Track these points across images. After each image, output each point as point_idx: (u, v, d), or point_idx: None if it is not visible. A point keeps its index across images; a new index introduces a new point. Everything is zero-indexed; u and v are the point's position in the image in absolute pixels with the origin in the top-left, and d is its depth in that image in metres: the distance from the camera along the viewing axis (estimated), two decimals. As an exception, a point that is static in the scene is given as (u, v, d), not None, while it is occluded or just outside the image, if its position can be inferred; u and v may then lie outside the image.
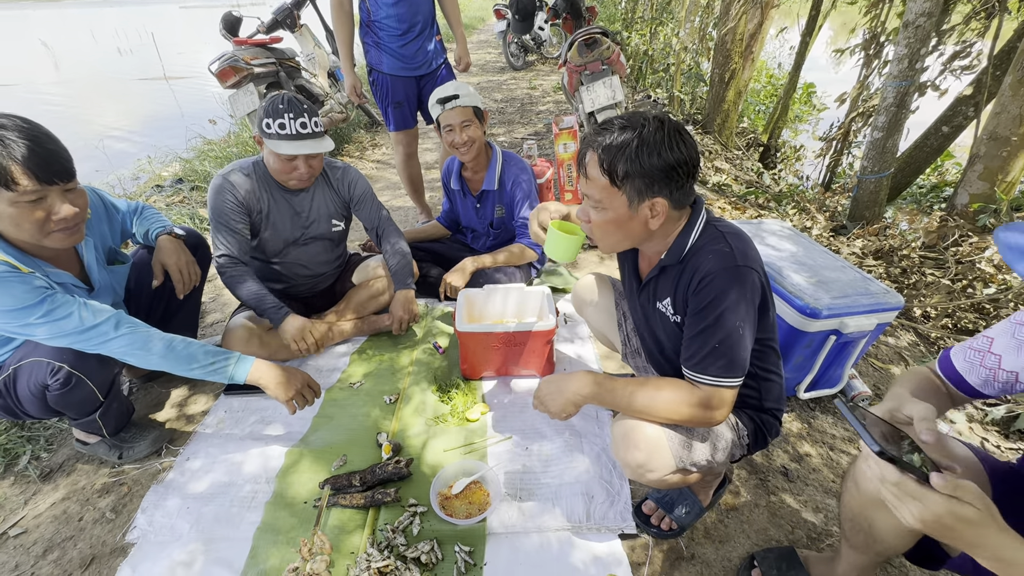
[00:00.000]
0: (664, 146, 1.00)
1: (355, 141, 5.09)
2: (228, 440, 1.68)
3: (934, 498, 0.64)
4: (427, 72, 2.63)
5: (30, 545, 1.39)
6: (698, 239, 1.11)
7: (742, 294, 1.04)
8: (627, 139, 1.01)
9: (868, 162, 3.13)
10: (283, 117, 1.67)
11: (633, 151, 1.00)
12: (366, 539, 1.34)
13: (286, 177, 1.79)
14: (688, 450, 1.13)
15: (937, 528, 0.65)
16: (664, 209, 1.06)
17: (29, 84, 10.06)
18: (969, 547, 0.66)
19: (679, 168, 1.01)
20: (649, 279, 1.23)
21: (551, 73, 8.20)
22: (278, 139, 1.69)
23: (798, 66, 5.25)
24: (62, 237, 1.30)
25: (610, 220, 1.10)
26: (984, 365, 0.89)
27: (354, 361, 2.04)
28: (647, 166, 1.00)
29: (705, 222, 1.13)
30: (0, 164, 1.15)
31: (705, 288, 1.06)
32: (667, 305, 1.18)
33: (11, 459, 1.65)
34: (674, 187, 1.04)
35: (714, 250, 1.07)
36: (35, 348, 1.34)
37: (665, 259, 1.15)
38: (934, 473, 0.65)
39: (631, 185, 1.03)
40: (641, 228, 1.10)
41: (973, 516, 0.63)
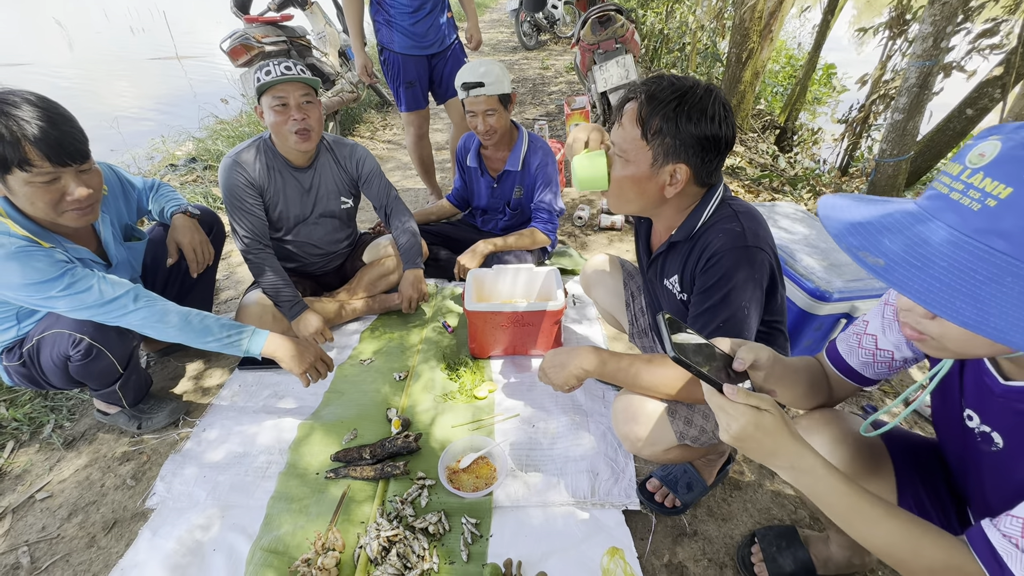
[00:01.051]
0: (705, 115, 0.98)
1: (366, 121, 5.07)
2: (243, 413, 1.73)
3: (739, 408, 0.70)
4: (439, 51, 2.60)
5: (56, 508, 1.45)
6: (710, 217, 1.10)
7: (750, 274, 1.04)
8: (670, 96, 0.99)
9: (887, 145, 3.06)
10: (268, 65, 1.69)
11: (672, 109, 0.99)
12: (376, 509, 1.38)
13: (284, 131, 1.76)
14: (689, 426, 1.14)
15: (743, 439, 0.70)
16: (684, 178, 1.04)
17: (43, 63, 10.12)
18: (768, 456, 0.72)
19: (712, 141, 1.00)
20: (658, 254, 1.23)
21: (564, 53, 8.06)
22: (265, 83, 1.69)
23: (818, 45, 5.10)
24: (76, 216, 1.32)
25: (630, 175, 1.08)
26: (863, 347, 0.91)
27: (365, 339, 2.07)
28: (682, 128, 0.99)
29: (720, 200, 1.12)
30: (14, 144, 1.16)
31: (713, 266, 1.06)
32: (674, 283, 1.18)
33: (36, 428, 1.71)
34: (702, 159, 1.02)
35: (725, 229, 1.07)
36: (57, 320, 1.38)
37: (675, 235, 1.15)
38: (726, 384, 0.71)
39: (660, 143, 1.02)
40: (656, 192, 1.08)
41: (770, 423, 0.70)
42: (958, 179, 0.56)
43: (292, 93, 1.71)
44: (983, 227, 0.54)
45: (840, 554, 1.16)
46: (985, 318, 0.52)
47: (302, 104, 1.74)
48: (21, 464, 1.58)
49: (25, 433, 1.68)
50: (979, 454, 0.77)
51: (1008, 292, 0.52)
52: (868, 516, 0.68)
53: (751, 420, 0.69)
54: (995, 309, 0.51)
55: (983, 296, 0.52)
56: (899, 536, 0.67)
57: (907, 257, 0.56)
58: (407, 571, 1.23)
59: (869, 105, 4.21)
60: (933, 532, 0.67)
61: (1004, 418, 0.71)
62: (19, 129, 1.16)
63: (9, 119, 1.16)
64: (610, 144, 1.17)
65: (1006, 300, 0.51)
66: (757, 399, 0.70)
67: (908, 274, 0.56)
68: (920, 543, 0.66)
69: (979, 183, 0.54)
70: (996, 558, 0.61)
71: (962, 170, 0.56)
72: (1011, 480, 0.71)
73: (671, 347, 0.70)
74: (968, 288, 0.53)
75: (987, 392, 0.72)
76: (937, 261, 0.55)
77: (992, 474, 0.76)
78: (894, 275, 0.56)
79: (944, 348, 0.64)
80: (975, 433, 0.76)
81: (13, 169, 1.19)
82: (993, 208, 0.53)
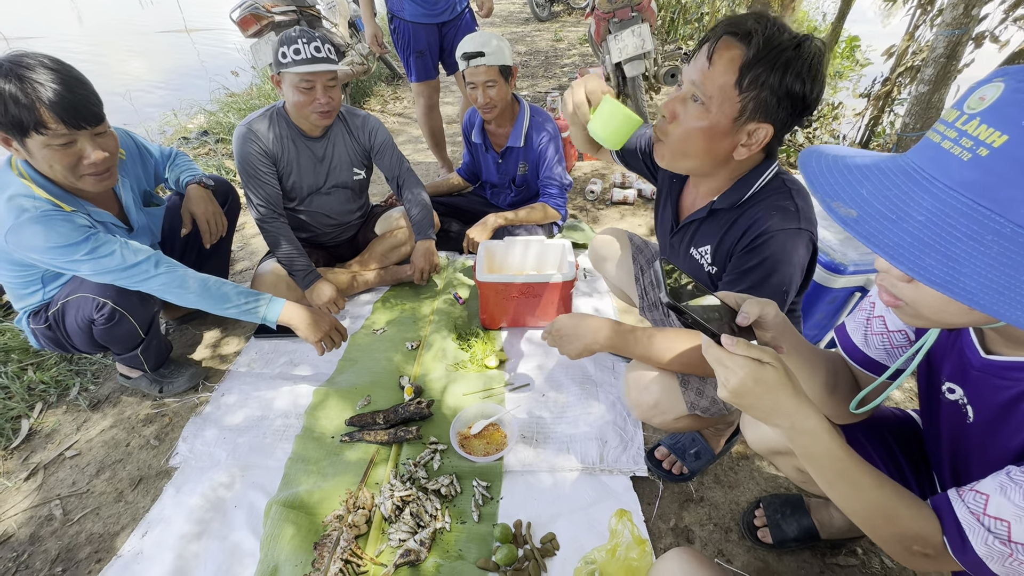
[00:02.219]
0: (814, 75, 0.88)
1: (376, 94, 5.02)
2: (260, 379, 1.77)
3: (738, 361, 0.65)
4: (450, 18, 2.55)
5: (84, 465, 1.51)
6: (762, 189, 1.02)
7: (796, 258, 0.99)
8: (785, 45, 0.86)
9: (910, 118, 2.98)
10: (297, 43, 1.67)
11: (784, 62, 0.86)
12: (389, 472, 1.42)
13: (307, 111, 1.77)
14: (700, 396, 1.15)
15: (741, 394, 0.66)
16: (763, 140, 0.94)
17: (54, 37, 10.10)
18: (768, 413, 0.67)
19: (807, 105, 0.90)
20: (690, 220, 1.15)
21: (577, 24, 7.86)
22: (295, 65, 1.68)
23: (842, 16, 4.91)
24: (94, 181, 1.34)
25: (703, 127, 0.94)
26: (874, 332, 0.86)
27: (377, 309, 2.10)
28: (789, 85, 0.87)
29: (775, 173, 1.03)
30: (30, 107, 1.17)
31: (761, 245, 0.98)
32: (705, 252, 1.12)
33: (62, 390, 1.77)
34: (787, 123, 0.92)
35: (779, 206, 0.98)
36: (81, 284, 1.42)
37: (718, 202, 1.06)
38: (724, 336, 0.66)
39: (755, 96, 0.89)
40: (725, 152, 0.97)
41: (772, 378, 0.65)
42: (952, 126, 0.51)
43: (320, 75, 1.71)
44: (970, 179, 0.49)
45: (842, 519, 1.18)
46: (955, 277, 0.48)
47: (328, 86, 1.74)
48: (50, 424, 1.65)
49: (52, 395, 1.75)
50: (953, 427, 0.76)
51: (986, 251, 0.47)
52: (856, 483, 0.66)
53: (750, 373, 0.64)
54: (968, 268, 0.48)
55: (957, 254, 0.48)
56: (880, 504, 0.66)
57: (882, 209, 0.52)
58: (420, 529, 1.27)
59: (895, 78, 4.07)
60: (910, 502, 0.66)
61: (980, 392, 0.69)
62: (34, 92, 1.17)
63: (24, 82, 1.17)
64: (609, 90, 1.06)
65: (982, 260, 0.47)
66: (759, 351, 0.66)
67: (880, 227, 0.51)
68: (897, 512, 0.66)
69: (973, 130, 0.49)
70: (960, 532, 0.61)
71: (958, 116, 0.51)
72: (981, 454, 0.71)
73: (665, 292, 0.66)
74: (942, 245, 0.49)
75: (967, 364, 0.70)
76: (914, 215, 0.51)
77: (964, 447, 0.75)
78: (865, 227, 0.52)
79: (919, 315, 0.60)
80: (952, 405, 0.74)
81: (31, 132, 1.20)
82: (984, 158, 0.48)
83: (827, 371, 0.87)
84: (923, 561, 0.67)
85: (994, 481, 0.59)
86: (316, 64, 1.68)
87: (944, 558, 0.64)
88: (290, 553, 1.21)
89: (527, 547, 1.23)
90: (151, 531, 1.31)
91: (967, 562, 0.62)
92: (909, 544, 0.66)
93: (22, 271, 1.42)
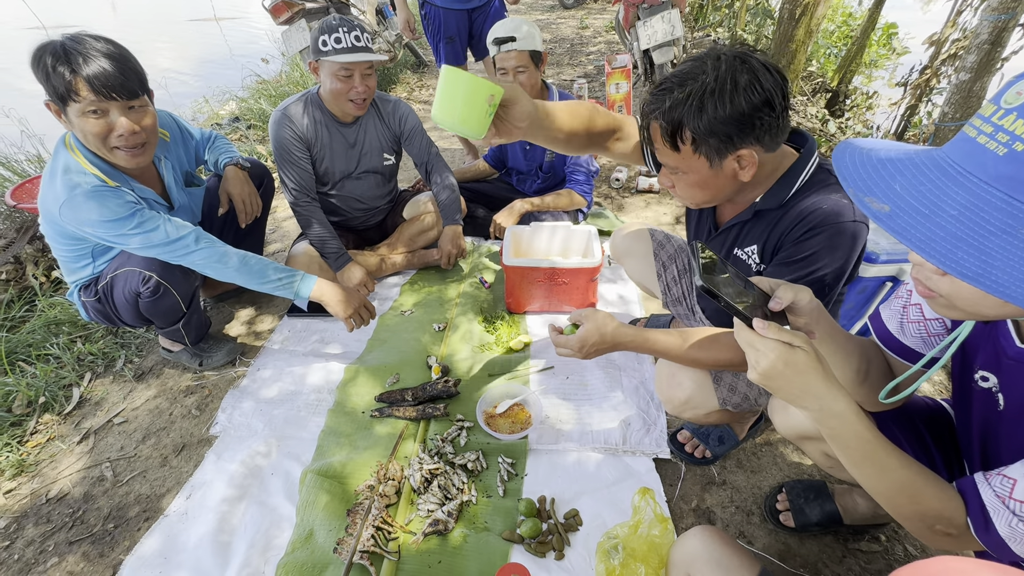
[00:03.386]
0: (732, 92, 0.86)
1: (402, 82, 5.06)
2: (293, 356, 1.84)
3: (769, 343, 0.66)
4: (479, 5, 2.57)
5: (131, 432, 1.60)
6: (806, 183, 1.00)
7: (847, 252, 0.97)
8: (686, 96, 0.88)
9: (949, 108, 2.88)
10: (338, 31, 1.70)
11: (695, 111, 0.87)
12: (418, 446, 1.47)
13: (344, 99, 1.81)
14: (733, 393, 1.16)
15: (771, 377, 0.67)
16: (755, 158, 0.94)
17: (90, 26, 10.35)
18: (798, 396, 0.68)
19: (760, 110, 0.87)
20: (734, 223, 1.13)
21: (603, 11, 7.76)
22: (335, 53, 1.71)
23: (879, 2, 4.75)
24: (125, 155, 1.39)
25: (693, 183, 0.99)
26: (910, 320, 0.85)
27: (405, 291, 2.15)
28: (716, 122, 0.87)
29: (817, 165, 1.01)
30: (67, 78, 1.25)
31: (811, 238, 0.97)
32: (752, 252, 1.10)
33: (109, 362, 1.86)
34: (760, 131, 0.90)
35: (831, 199, 0.97)
36: (128, 259, 1.49)
37: (761, 203, 1.05)
38: (756, 319, 0.67)
39: (706, 146, 0.91)
40: (730, 182, 0.98)
41: (802, 361, 0.66)
42: (988, 120, 0.51)
43: (358, 64, 1.75)
44: (1006, 173, 0.49)
45: (866, 505, 1.19)
46: (988, 271, 0.48)
47: (365, 74, 1.78)
48: (99, 393, 1.74)
49: (100, 366, 1.84)
50: (984, 414, 0.76)
51: (1020, 245, 0.48)
52: (882, 464, 0.67)
53: (781, 356, 0.65)
54: (1000, 263, 0.48)
55: (990, 248, 0.48)
56: (904, 484, 0.67)
57: (915, 204, 0.53)
58: (448, 501, 1.32)
59: (935, 66, 3.93)
60: (935, 483, 0.67)
61: (1013, 380, 0.69)
62: (73, 63, 1.25)
63: (68, 54, 1.25)
64: None
65: (1016, 254, 0.47)
66: (790, 335, 0.67)
67: (913, 221, 0.52)
68: (922, 492, 0.67)
69: (1010, 125, 0.49)
70: (984, 513, 0.62)
71: (995, 111, 0.51)
72: (1011, 442, 0.71)
73: (699, 276, 0.67)
74: (976, 239, 0.49)
75: (1002, 353, 0.70)
76: (947, 209, 0.51)
77: (994, 434, 0.75)
78: (897, 222, 0.52)
79: (954, 307, 0.60)
80: (985, 393, 0.75)
81: (68, 101, 1.28)
82: (1020, 153, 0.48)
83: (860, 358, 0.87)
84: (945, 540, 0.68)
85: (1023, 467, 0.60)
86: (356, 53, 1.71)
87: (966, 538, 0.65)
88: (325, 519, 1.27)
89: (551, 522, 1.27)
90: (195, 493, 1.39)
91: (989, 543, 0.63)
92: (932, 523, 0.68)
93: (74, 244, 1.50)
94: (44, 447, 1.57)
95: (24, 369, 1.79)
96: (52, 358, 1.84)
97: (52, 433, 1.61)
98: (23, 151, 2.93)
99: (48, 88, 1.28)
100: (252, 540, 1.27)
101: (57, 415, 1.66)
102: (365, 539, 1.21)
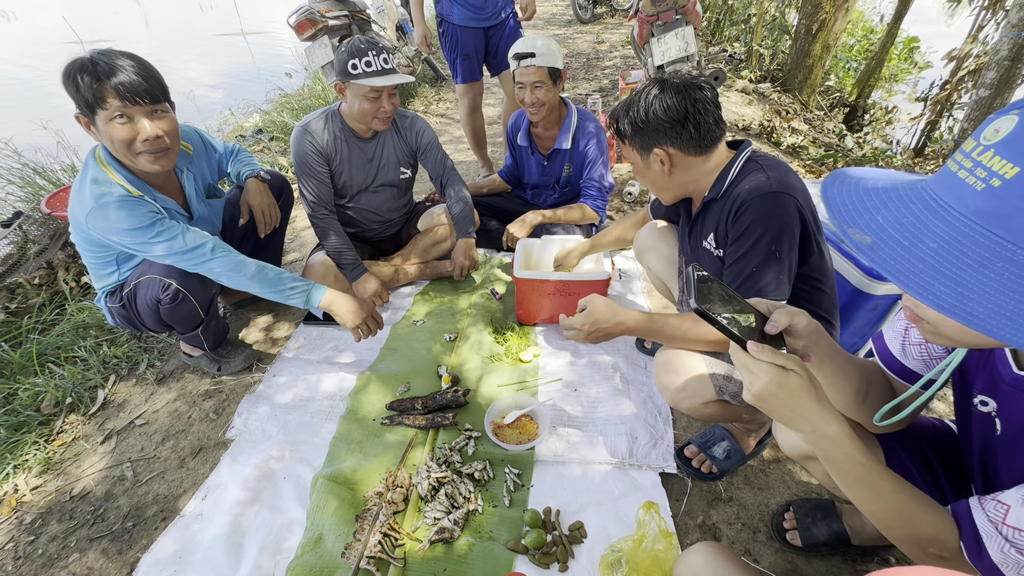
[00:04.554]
0: (653, 104, 1.13)
1: (420, 96, 5.17)
2: (307, 363, 1.89)
3: (763, 367, 0.68)
4: (495, 23, 2.63)
5: (151, 433, 1.66)
6: (737, 174, 1.17)
7: (777, 217, 1.09)
8: (623, 106, 1.19)
9: (969, 124, 2.86)
10: (368, 55, 1.77)
11: (625, 113, 1.19)
12: (426, 454, 1.50)
13: (371, 118, 1.87)
14: (729, 381, 1.17)
15: (764, 399, 0.69)
16: (672, 156, 1.17)
17: (123, 39, 10.82)
18: (791, 418, 0.70)
19: (671, 121, 1.13)
20: (696, 217, 1.30)
21: (619, 27, 7.83)
22: (366, 76, 1.77)
23: (899, 16, 4.73)
24: (149, 160, 1.45)
25: (637, 172, 1.28)
26: (912, 342, 0.86)
27: (417, 301, 2.19)
28: (639, 123, 1.16)
29: (747, 158, 1.18)
30: (94, 86, 1.32)
31: (742, 215, 1.11)
32: (711, 241, 1.24)
33: (132, 365, 1.93)
34: (678, 136, 1.14)
35: (751, 179, 1.13)
36: (150, 267, 1.56)
37: (708, 195, 1.22)
38: (750, 342, 0.69)
39: (635, 142, 1.20)
40: (660, 176, 1.22)
41: (795, 384, 0.68)
42: (969, 156, 0.53)
43: (386, 85, 1.81)
44: (983, 208, 0.50)
45: (874, 526, 1.17)
46: (963, 303, 0.49)
47: (391, 94, 1.85)
48: (121, 395, 1.81)
49: (124, 369, 1.91)
50: (983, 438, 0.77)
51: (997, 278, 0.49)
52: (876, 488, 0.69)
53: (774, 379, 0.67)
54: (977, 295, 0.49)
55: (967, 280, 0.50)
56: (898, 508, 0.68)
57: (896, 236, 0.54)
58: (454, 510, 1.34)
59: (956, 82, 3.89)
60: (929, 507, 0.68)
61: (1010, 406, 0.70)
62: (100, 72, 1.32)
63: (96, 66, 1.33)
64: None
65: (991, 286, 0.49)
66: (783, 359, 0.68)
67: (893, 253, 0.53)
68: (916, 516, 0.68)
69: (987, 161, 0.50)
70: (977, 538, 0.63)
71: (975, 147, 0.52)
72: (1010, 466, 0.71)
73: (695, 299, 0.68)
74: (953, 271, 0.50)
75: (999, 378, 0.71)
76: (927, 241, 0.52)
77: (993, 458, 0.75)
78: (878, 254, 0.54)
79: (939, 333, 0.62)
80: (984, 417, 0.75)
81: (96, 109, 1.35)
82: (997, 189, 0.49)
83: (860, 379, 0.88)
84: (938, 563, 0.68)
85: (1017, 493, 0.61)
86: (387, 76, 1.78)
87: (959, 562, 0.66)
88: (334, 523, 1.30)
89: (555, 533, 1.28)
90: (210, 495, 1.43)
91: (982, 567, 0.63)
92: (925, 546, 0.68)
93: (100, 251, 1.57)
94: (69, 446, 1.63)
95: (53, 370, 1.86)
96: (79, 360, 1.92)
97: (77, 433, 1.67)
98: (58, 161, 3.07)
99: (78, 100, 1.36)
100: (263, 542, 1.30)
101: (82, 415, 1.73)
102: (372, 545, 1.24)
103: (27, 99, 6.81)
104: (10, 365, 1.88)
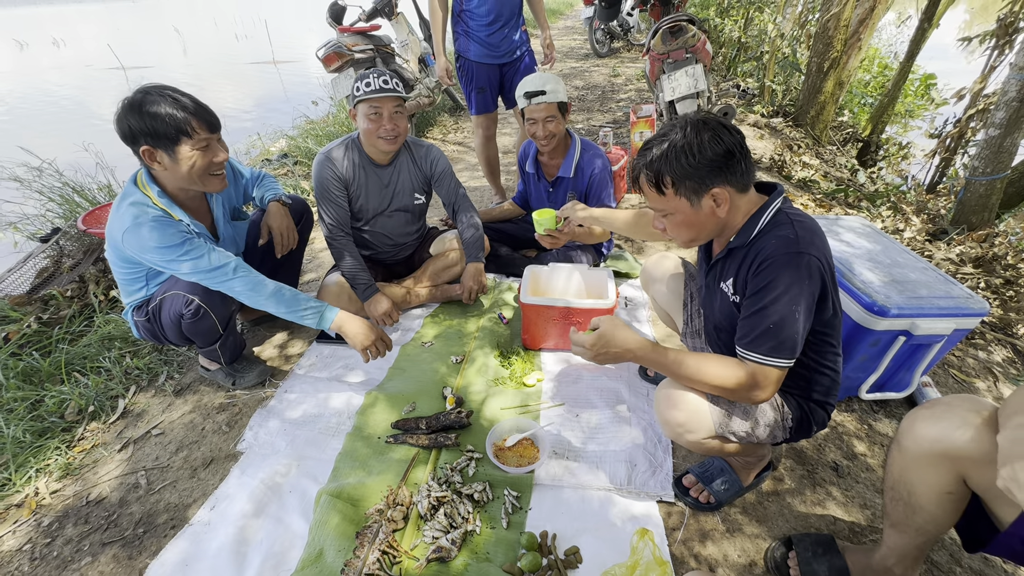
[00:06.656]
0: (698, 143, 1.09)
1: (439, 124, 5.35)
2: (318, 380, 1.95)
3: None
4: (509, 61, 2.76)
5: (166, 443, 1.72)
6: (767, 224, 1.15)
7: (800, 279, 1.07)
8: (663, 151, 1.12)
9: (980, 162, 2.87)
10: (368, 78, 1.90)
11: (673, 159, 1.11)
12: (428, 474, 1.53)
13: (375, 137, 1.97)
14: (728, 419, 1.19)
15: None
16: (727, 195, 1.12)
17: (162, 66, 11.42)
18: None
19: (724, 157, 1.09)
20: (717, 259, 1.28)
21: (635, 60, 8.03)
22: (366, 95, 1.89)
23: (912, 55, 4.79)
24: (218, 182, 1.61)
25: (680, 222, 1.19)
26: None
27: (427, 324, 2.25)
28: (690, 166, 1.10)
29: (777, 209, 1.16)
30: (182, 118, 1.45)
31: (765, 270, 1.10)
32: (729, 285, 1.22)
33: (152, 376, 2.02)
34: (728, 173, 1.11)
35: (779, 235, 1.11)
36: (175, 283, 1.65)
37: (733, 241, 1.20)
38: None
39: (684, 188, 1.13)
40: (711, 219, 1.17)
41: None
42: None
43: (386, 105, 1.93)
44: None
45: (879, 562, 1.16)
46: None
47: (393, 115, 1.96)
48: (141, 405, 1.88)
49: (144, 380, 1.99)
50: None
51: None
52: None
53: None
54: None
55: None
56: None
57: None
58: (453, 529, 1.36)
59: (966, 120, 3.92)
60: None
61: None
62: (180, 105, 1.45)
63: (175, 100, 1.45)
64: None
65: None
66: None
67: None
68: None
69: None
70: None
71: None
72: None
73: None
74: None
75: None
76: None
77: None
78: None
79: None
80: None
81: (182, 139, 1.47)
82: None
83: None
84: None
85: None
86: (382, 92, 1.90)
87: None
88: (335, 539, 1.34)
89: (551, 557, 1.29)
90: (218, 506, 1.48)
91: None
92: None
93: (131, 268, 1.67)
94: (89, 452, 1.70)
95: (78, 379, 1.95)
96: (103, 370, 2.01)
97: (97, 440, 1.74)
98: (96, 180, 3.25)
99: (152, 132, 1.44)
100: (267, 554, 1.34)
101: (103, 423, 1.81)
102: (371, 562, 1.27)
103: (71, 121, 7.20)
104: (39, 373, 1.97)
